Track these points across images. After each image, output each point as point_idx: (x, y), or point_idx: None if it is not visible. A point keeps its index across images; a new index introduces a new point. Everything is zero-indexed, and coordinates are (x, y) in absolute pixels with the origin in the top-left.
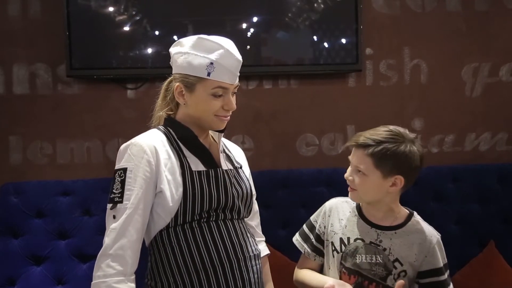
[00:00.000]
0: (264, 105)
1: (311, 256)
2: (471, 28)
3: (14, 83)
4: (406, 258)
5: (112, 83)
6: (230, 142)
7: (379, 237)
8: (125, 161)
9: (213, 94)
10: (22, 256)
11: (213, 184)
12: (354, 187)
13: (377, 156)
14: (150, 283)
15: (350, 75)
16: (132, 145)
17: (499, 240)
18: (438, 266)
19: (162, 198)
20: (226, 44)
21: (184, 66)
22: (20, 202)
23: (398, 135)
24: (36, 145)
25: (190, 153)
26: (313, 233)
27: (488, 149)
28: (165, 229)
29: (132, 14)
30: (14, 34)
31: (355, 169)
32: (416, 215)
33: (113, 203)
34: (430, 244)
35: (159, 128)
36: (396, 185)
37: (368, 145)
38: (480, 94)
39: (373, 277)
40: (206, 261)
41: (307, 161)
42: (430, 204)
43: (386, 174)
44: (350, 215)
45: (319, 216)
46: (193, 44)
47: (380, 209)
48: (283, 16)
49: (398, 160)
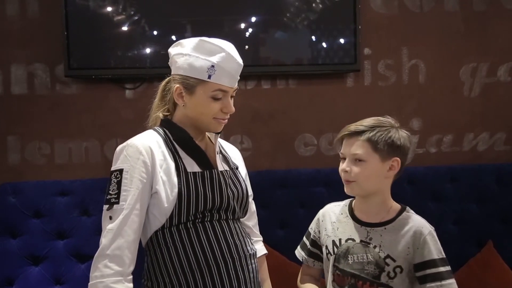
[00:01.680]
0: (262, 105)
1: (309, 262)
2: (469, 28)
3: (12, 83)
4: (398, 254)
5: (110, 83)
6: (226, 143)
7: (369, 234)
8: (121, 162)
9: (212, 96)
10: (20, 256)
11: (208, 185)
12: (352, 179)
13: (373, 139)
14: (147, 283)
15: (349, 75)
16: (128, 146)
17: (497, 240)
18: (431, 258)
19: (157, 199)
20: (227, 47)
21: (185, 68)
22: (18, 202)
23: (385, 121)
24: (34, 145)
25: (186, 154)
26: (308, 239)
27: (486, 149)
28: (161, 230)
29: (130, 14)
30: (12, 34)
31: (351, 158)
32: (409, 210)
33: (110, 204)
34: (421, 235)
35: (155, 129)
36: (393, 168)
37: (362, 131)
38: (478, 94)
39: (366, 276)
40: (201, 261)
41: (305, 161)
42: (428, 204)
43: (384, 157)
44: (342, 217)
45: (313, 223)
46: (194, 46)
47: (374, 203)
48: (281, 16)
49: (393, 142)
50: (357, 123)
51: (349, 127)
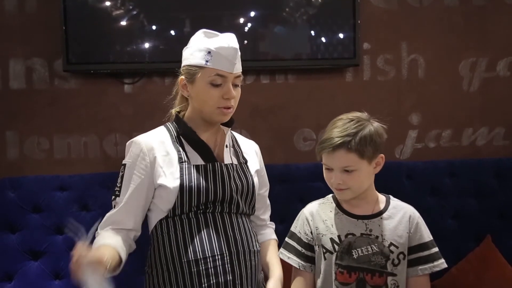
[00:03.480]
0: (261, 100)
1: (307, 267)
2: (469, 23)
3: (11, 78)
4: (398, 239)
5: (109, 77)
6: (245, 138)
7: (368, 226)
8: (126, 158)
9: (211, 82)
10: (19, 251)
11: (210, 178)
12: (345, 187)
13: (359, 148)
14: (148, 270)
15: (348, 70)
16: (133, 143)
17: (496, 235)
18: (424, 241)
19: (161, 191)
20: (224, 34)
21: (187, 58)
22: (17, 197)
23: (360, 119)
24: (33, 140)
25: (191, 148)
26: (300, 244)
27: (485, 144)
28: (165, 219)
29: (129, 8)
30: (10, 28)
31: (341, 170)
32: (392, 198)
33: (114, 195)
34: (413, 219)
35: (167, 124)
36: (379, 164)
37: (345, 142)
38: (477, 89)
39: (374, 267)
40: (198, 251)
41: (304, 156)
42: (427, 198)
43: (370, 158)
44: (332, 214)
45: (302, 225)
46: (195, 37)
47: (360, 196)
48: (280, 11)
49: (374, 141)
50: (334, 131)
51: (331, 140)
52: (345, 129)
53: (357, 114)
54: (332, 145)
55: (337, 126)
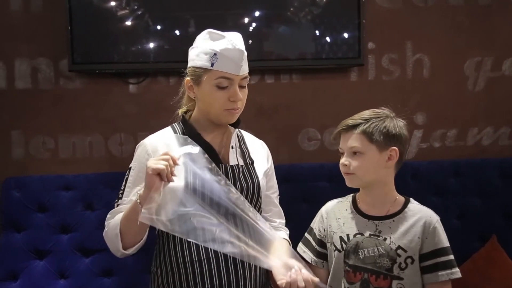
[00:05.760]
0: (266, 99)
1: (319, 263)
2: (474, 22)
3: (16, 77)
4: (409, 244)
5: (114, 77)
6: (254, 138)
7: (378, 227)
8: (133, 160)
9: (217, 85)
10: (24, 250)
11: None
12: (351, 171)
13: (369, 131)
14: (153, 269)
15: (352, 70)
16: (140, 145)
17: (501, 235)
18: (442, 246)
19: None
20: (230, 35)
21: (193, 59)
22: (22, 197)
23: (380, 113)
24: (38, 140)
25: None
26: (314, 240)
27: (491, 144)
28: None
29: (134, 8)
30: (16, 28)
31: (349, 152)
32: (413, 201)
33: (117, 198)
34: (430, 225)
35: (173, 125)
36: (392, 158)
37: (357, 124)
38: (482, 89)
39: (379, 269)
40: (201, 252)
41: (309, 156)
42: (432, 198)
43: (381, 147)
44: (347, 213)
45: (317, 222)
46: (201, 37)
47: (378, 194)
48: (285, 10)
49: (388, 131)
50: (352, 117)
51: (345, 122)
52: (362, 114)
53: (383, 110)
54: (345, 126)
55: (358, 113)
